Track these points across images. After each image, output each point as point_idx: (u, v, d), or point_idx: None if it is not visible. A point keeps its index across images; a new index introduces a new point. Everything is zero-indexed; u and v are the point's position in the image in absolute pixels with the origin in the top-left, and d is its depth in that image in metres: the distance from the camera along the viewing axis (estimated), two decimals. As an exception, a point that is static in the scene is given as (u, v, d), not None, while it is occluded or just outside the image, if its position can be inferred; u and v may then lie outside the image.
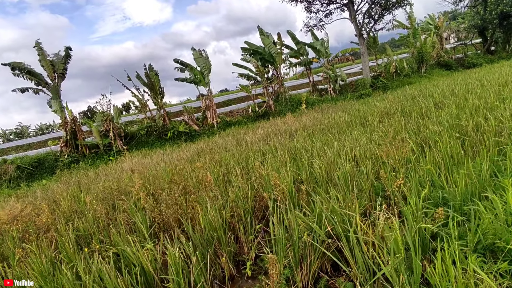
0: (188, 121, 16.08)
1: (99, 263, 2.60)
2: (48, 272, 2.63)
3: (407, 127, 5.91)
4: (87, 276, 2.42)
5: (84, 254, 3.00)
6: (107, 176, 8.43)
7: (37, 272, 2.56)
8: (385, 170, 3.84)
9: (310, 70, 20.11)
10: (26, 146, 17.76)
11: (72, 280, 2.45)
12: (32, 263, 2.74)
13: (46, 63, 13.57)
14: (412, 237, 2.15)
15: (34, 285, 2.44)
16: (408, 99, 10.27)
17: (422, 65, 22.12)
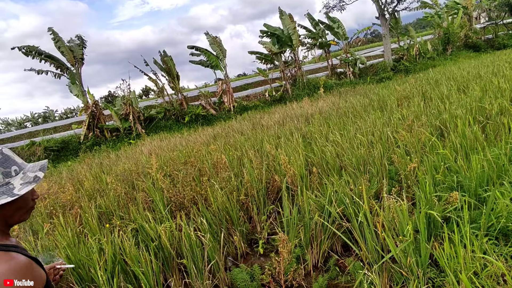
0: (205, 105, 16.22)
1: (120, 237, 2.76)
2: (74, 244, 2.82)
3: (426, 111, 5.75)
4: (110, 247, 2.59)
5: (106, 229, 3.19)
6: (127, 158, 8.73)
7: (64, 243, 2.76)
8: (400, 154, 3.79)
9: (328, 53, 19.65)
10: (52, 129, 18.54)
11: (96, 251, 2.63)
12: (59, 235, 2.95)
13: (65, 49, 13.90)
14: (421, 220, 2.15)
15: (62, 254, 2.64)
16: (430, 82, 9.91)
17: (448, 47, 21.10)
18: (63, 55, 14.01)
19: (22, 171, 1.03)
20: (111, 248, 2.61)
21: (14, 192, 0.96)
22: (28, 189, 0.98)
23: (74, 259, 2.67)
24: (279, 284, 2.64)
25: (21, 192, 0.97)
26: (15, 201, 0.99)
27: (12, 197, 0.95)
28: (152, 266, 2.55)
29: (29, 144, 13.40)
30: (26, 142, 14.09)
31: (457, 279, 1.96)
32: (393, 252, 2.05)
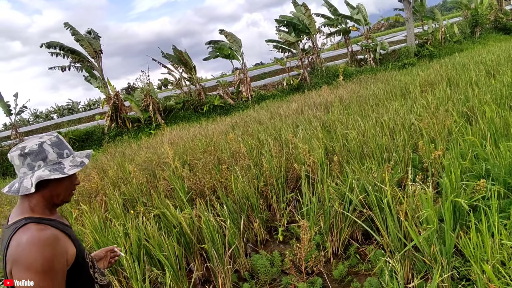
0: (223, 95, 16.27)
1: (144, 223, 2.86)
2: (101, 228, 2.95)
3: (452, 97, 5.51)
4: (134, 231, 2.69)
5: (131, 215, 3.31)
6: (148, 148, 8.94)
7: (91, 227, 2.89)
8: (424, 142, 3.68)
9: (348, 40, 19.11)
10: (76, 120, 19.20)
11: (122, 235, 2.74)
12: (86, 220, 3.09)
13: (85, 42, 14.23)
14: (446, 208, 2.09)
15: (90, 238, 2.76)
16: (456, 67, 9.47)
17: (476, 30, 20.00)
18: (83, 48, 14.37)
19: (72, 155, 1.19)
20: (136, 233, 2.70)
21: (65, 171, 1.11)
22: (75, 170, 1.13)
23: (101, 243, 2.79)
24: (299, 270, 2.66)
25: (70, 172, 1.11)
26: (62, 180, 1.14)
27: (63, 174, 1.09)
28: (174, 251, 2.63)
29: (56, 135, 13.96)
30: (53, 133, 14.66)
31: (482, 268, 1.90)
32: (416, 240, 2.01)
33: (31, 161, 1.10)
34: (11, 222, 1.10)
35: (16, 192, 1.08)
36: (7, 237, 1.06)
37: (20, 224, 1.06)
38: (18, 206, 1.13)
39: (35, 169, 1.10)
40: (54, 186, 1.13)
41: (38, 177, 1.08)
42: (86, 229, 2.93)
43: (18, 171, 1.12)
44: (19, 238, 1.02)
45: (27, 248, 1.00)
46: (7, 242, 1.04)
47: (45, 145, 1.13)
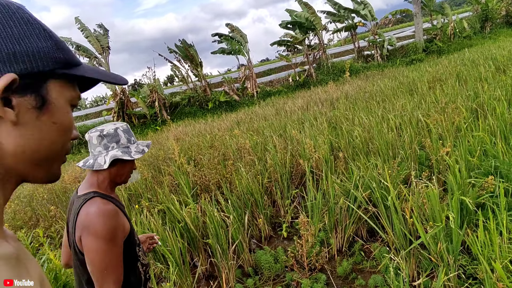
0: (228, 91, 16.25)
1: (149, 218, 2.87)
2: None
3: (461, 93, 5.42)
4: (139, 226, 2.70)
5: (135, 210, 3.32)
6: (154, 144, 8.99)
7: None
8: (431, 139, 3.62)
9: (355, 36, 18.89)
10: (83, 116, 19.39)
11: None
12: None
13: (92, 38, 14.30)
14: (453, 206, 2.05)
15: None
16: (465, 63, 9.31)
17: (486, 25, 19.61)
18: (91, 44, 14.44)
19: (136, 142, 1.35)
20: (140, 228, 2.71)
21: (131, 154, 1.28)
22: (139, 156, 1.30)
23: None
24: (302, 266, 2.65)
25: (135, 156, 1.28)
26: (127, 163, 1.32)
27: (130, 157, 1.27)
28: (178, 246, 2.64)
29: (63, 131, 14.12)
30: (61, 129, 14.83)
31: (491, 267, 1.87)
32: (423, 238, 1.98)
33: (107, 142, 1.28)
34: (80, 194, 1.27)
35: (91, 167, 1.25)
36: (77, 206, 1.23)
37: (89, 196, 1.23)
38: (87, 181, 1.31)
39: (109, 150, 1.28)
40: (120, 167, 1.31)
41: (113, 156, 1.26)
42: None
43: (93, 149, 1.29)
44: (87, 209, 1.19)
45: (95, 218, 1.15)
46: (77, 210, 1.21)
47: (119, 130, 1.31)
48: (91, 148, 1.29)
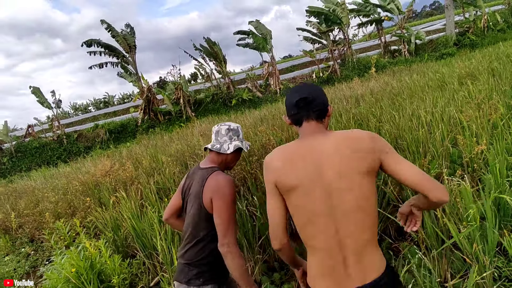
0: (251, 88, 16.32)
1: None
2: (137, 215, 3.10)
3: (496, 89, 5.15)
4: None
5: (164, 203, 3.44)
6: (179, 140, 9.21)
7: (128, 213, 3.05)
8: (465, 136, 3.48)
9: (381, 30, 18.35)
10: (112, 113, 20.15)
11: (157, 222, 2.86)
12: (124, 207, 3.26)
13: (120, 38, 14.80)
14: (490, 205, 1.98)
15: (127, 223, 2.92)
16: (500, 57, 8.81)
17: (523, 17, 18.45)
18: (119, 43, 14.96)
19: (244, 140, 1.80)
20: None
21: (245, 148, 1.75)
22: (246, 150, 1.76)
23: (137, 229, 2.93)
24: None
25: (246, 149, 1.76)
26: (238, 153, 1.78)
27: (245, 149, 1.75)
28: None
29: (94, 127, 14.76)
30: (91, 125, 15.54)
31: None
32: (455, 237, 1.92)
33: (232, 134, 1.72)
34: (204, 166, 1.68)
35: (218, 150, 1.68)
36: (205, 174, 1.62)
37: (214, 169, 1.64)
38: (209, 159, 1.72)
39: (232, 140, 1.72)
40: (235, 155, 1.75)
41: (236, 145, 1.71)
42: (124, 215, 3.09)
43: (220, 138, 1.72)
44: (216, 177, 1.60)
45: (223, 184, 1.56)
46: (205, 179, 1.60)
47: (239, 128, 1.79)
48: (217, 137, 1.72)
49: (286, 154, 1.23)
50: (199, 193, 1.59)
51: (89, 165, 8.67)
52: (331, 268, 1.14)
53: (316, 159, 1.16)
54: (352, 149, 1.15)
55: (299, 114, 1.26)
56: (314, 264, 1.20)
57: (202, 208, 1.59)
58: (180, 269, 1.68)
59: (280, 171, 1.19)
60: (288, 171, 1.17)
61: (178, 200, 1.81)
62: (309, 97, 1.24)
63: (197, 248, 1.62)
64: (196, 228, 1.63)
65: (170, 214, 1.84)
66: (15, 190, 7.77)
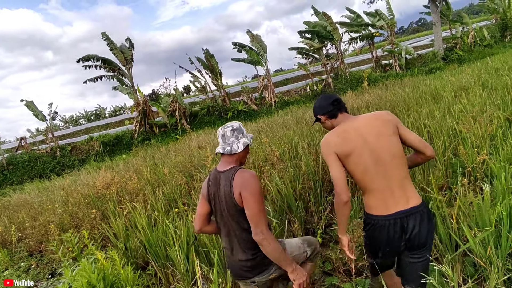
0: (246, 101, 16.49)
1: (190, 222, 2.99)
2: (150, 226, 3.10)
3: (489, 101, 5.38)
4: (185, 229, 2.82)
5: (173, 213, 3.45)
6: (177, 152, 9.21)
7: (144, 224, 3.05)
8: (465, 146, 3.63)
9: (372, 45, 18.92)
10: (105, 125, 20.00)
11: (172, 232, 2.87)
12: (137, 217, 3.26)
13: (117, 51, 14.88)
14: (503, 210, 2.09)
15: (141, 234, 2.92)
16: (489, 72, 9.19)
17: (506, 33, 19.31)
18: (116, 57, 15.03)
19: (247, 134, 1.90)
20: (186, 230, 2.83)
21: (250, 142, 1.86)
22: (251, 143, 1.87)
23: (151, 239, 2.94)
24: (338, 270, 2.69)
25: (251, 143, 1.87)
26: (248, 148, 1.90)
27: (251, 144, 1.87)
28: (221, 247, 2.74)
29: (88, 139, 14.62)
30: (85, 138, 15.39)
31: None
32: (471, 242, 2.01)
33: (237, 133, 1.84)
34: (224, 169, 1.79)
35: (229, 152, 1.78)
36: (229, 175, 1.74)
37: (236, 169, 1.77)
38: (224, 161, 1.83)
39: (239, 138, 1.83)
40: (245, 151, 1.86)
41: (245, 142, 1.83)
42: (138, 225, 3.09)
43: (227, 140, 1.82)
44: (241, 174, 1.73)
45: (250, 180, 1.70)
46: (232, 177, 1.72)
47: (240, 126, 1.88)
48: (225, 139, 1.82)
49: (339, 134, 1.78)
50: (230, 192, 1.71)
51: (85, 178, 8.57)
52: (384, 199, 1.69)
53: (359, 132, 1.74)
54: (380, 120, 1.76)
55: (335, 109, 1.86)
56: (372, 199, 1.73)
57: (237, 205, 1.71)
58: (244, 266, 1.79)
59: (337, 145, 1.73)
60: (344, 144, 1.72)
61: (205, 207, 1.88)
62: (339, 98, 1.89)
63: (249, 239, 1.72)
64: (240, 225, 1.75)
65: (202, 222, 1.91)
66: (10, 203, 7.61)
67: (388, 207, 1.67)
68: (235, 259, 1.80)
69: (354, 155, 1.71)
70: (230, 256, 1.84)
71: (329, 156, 1.74)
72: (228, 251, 1.84)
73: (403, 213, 1.66)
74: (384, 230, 1.69)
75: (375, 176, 1.68)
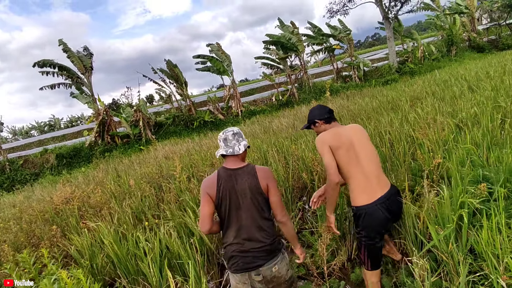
0: (213, 110, 16.41)
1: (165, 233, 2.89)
2: (119, 240, 2.95)
3: (441, 110, 5.87)
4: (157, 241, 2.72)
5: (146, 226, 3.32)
6: (142, 163, 8.89)
7: (110, 239, 2.89)
8: (422, 151, 3.91)
9: (333, 57, 19.84)
10: (61, 137, 18.79)
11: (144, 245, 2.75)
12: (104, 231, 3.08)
13: (76, 59, 14.19)
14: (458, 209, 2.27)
15: (109, 249, 2.76)
16: (438, 83, 10.03)
17: (452, 48, 21.25)
18: (74, 64, 14.30)
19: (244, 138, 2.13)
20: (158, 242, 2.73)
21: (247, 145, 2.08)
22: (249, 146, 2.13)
23: (120, 254, 2.79)
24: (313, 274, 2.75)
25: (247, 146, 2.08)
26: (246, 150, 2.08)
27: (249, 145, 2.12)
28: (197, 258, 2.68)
29: (42, 152, 13.61)
30: (38, 150, 14.32)
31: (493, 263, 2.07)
32: (435, 239, 2.17)
33: (238, 137, 2.07)
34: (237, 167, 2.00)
35: (232, 153, 2.00)
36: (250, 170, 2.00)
37: (252, 165, 2.04)
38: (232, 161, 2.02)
39: (240, 141, 2.07)
40: (245, 152, 2.08)
41: (245, 144, 2.06)
42: (105, 240, 2.92)
43: (229, 143, 2.03)
44: (262, 169, 2.03)
45: (269, 172, 2.03)
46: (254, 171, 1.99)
47: (239, 130, 2.10)
48: (227, 143, 2.04)
49: (332, 133, 2.26)
50: (256, 184, 1.95)
51: (41, 193, 7.96)
52: (365, 187, 2.15)
53: (346, 134, 2.25)
54: (360, 130, 2.34)
55: (330, 117, 2.41)
56: (355, 186, 2.17)
57: (263, 194, 1.97)
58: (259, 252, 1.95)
59: (331, 140, 2.20)
60: (335, 140, 2.20)
61: (211, 207, 1.99)
62: (332, 109, 2.47)
63: (267, 226, 1.98)
64: (261, 213, 1.98)
65: (211, 222, 2.00)
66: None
67: (371, 196, 2.12)
68: (248, 248, 1.94)
69: (342, 149, 2.17)
70: (242, 248, 1.95)
71: (324, 147, 2.18)
72: (238, 244, 1.96)
73: (384, 197, 2.14)
74: (376, 214, 2.10)
75: (357, 167, 2.17)
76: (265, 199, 1.98)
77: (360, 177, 2.15)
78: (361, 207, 2.14)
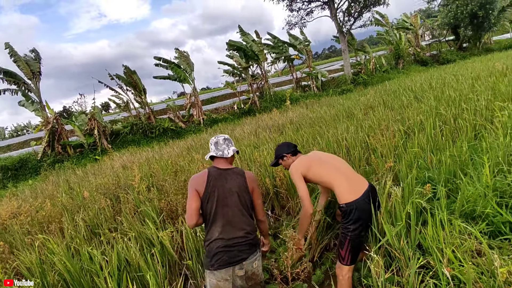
0: (173, 118, 16.06)
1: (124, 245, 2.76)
2: (71, 255, 2.75)
3: (391, 117, 6.31)
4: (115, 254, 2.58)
5: (100, 241, 3.14)
6: (97, 174, 8.41)
7: (61, 254, 2.69)
8: (375, 156, 4.18)
9: (293, 67, 20.49)
10: (5, 147, 17.16)
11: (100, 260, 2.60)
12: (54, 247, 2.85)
13: (22, 63, 13.17)
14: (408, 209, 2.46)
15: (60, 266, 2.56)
16: (389, 93, 10.79)
17: (399, 62, 23.02)
18: (20, 69, 13.23)
19: None
20: (116, 256, 2.60)
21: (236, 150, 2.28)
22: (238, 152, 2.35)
23: (73, 270, 2.61)
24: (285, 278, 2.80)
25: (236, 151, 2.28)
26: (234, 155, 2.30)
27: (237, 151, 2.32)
28: (157, 270, 2.59)
29: (-19, 164, 12.31)
30: (-24, 162, 12.91)
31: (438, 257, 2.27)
32: (388, 235, 2.32)
33: (228, 142, 2.28)
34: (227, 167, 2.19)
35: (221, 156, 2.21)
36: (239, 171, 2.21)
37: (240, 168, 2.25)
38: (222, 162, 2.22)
39: (229, 146, 2.26)
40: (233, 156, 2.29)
41: (234, 149, 2.27)
42: (54, 257, 2.71)
43: (219, 147, 2.23)
44: (250, 174, 2.29)
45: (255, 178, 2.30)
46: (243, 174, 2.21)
47: (229, 137, 2.30)
48: (218, 146, 2.23)
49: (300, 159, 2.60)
50: (244, 184, 2.17)
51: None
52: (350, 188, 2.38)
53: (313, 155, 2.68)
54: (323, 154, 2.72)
55: (296, 150, 2.73)
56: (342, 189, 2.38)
57: (250, 195, 2.19)
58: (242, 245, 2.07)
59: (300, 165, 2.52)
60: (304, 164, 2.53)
61: (198, 202, 2.10)
62: (296, 145, 2.78)
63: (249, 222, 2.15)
64: (246, 210, 2.15)
65: (198, 215, 2.10)
66: None
67: (357, 193, 2.37)
68: (234, 243, 2.05)
69: (314, 166, 2.50)
70: (227, 243, 2.05)
71: (296, 175, 2.47)
72: (223, 239, 2.05)
73: (367, 192, 2.40)
74: (364, 206, 2.35)
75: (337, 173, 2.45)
76: (250, 199, 2.19)
77: (344, 180, 2.40)
78: (351, 203, 2.34)
